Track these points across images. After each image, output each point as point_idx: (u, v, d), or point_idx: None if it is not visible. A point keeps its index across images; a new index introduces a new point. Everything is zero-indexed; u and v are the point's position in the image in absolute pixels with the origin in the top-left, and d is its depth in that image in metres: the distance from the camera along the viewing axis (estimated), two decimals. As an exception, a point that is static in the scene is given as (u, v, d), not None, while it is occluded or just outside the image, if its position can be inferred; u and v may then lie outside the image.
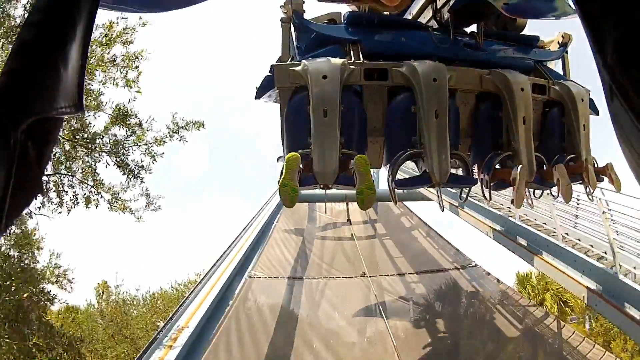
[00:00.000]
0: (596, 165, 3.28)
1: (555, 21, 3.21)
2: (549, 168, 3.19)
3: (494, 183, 3.16)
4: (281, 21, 3.02)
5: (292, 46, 3.18)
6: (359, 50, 3.01)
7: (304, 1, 3.03)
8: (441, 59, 2.96)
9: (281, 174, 2.51)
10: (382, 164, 3.33)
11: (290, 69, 2.80)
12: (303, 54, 3.09)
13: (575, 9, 0.47)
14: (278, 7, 3.03)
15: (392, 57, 2.95)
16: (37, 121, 0.45)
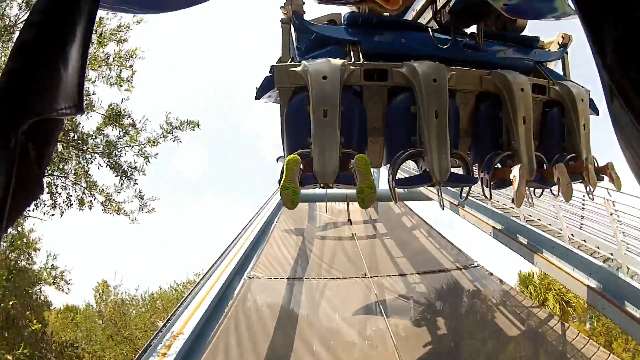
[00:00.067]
0: (596, 165, 3.29)
1: (556, 22, 3.20)
2: (549, 167, 3.20)
3: (494, 182, 3.17)
4: (281, 22, 3.03)
5: (292, 47, 3.19)
6: (359, 51, 3.02)
7: (304, 2, 3.04)
8: (441, 60, 2.97)
9: (281, 175, 2.52)
10: (382, 163, 3.35)
11: (290, 70, 2.81)
12: (303, 55, 3.10)
13: (575, 9, 0.47)
14: (278, 8, 3.03)
15: (392, 58, 2.96)
16: (38, 122, 0.46)
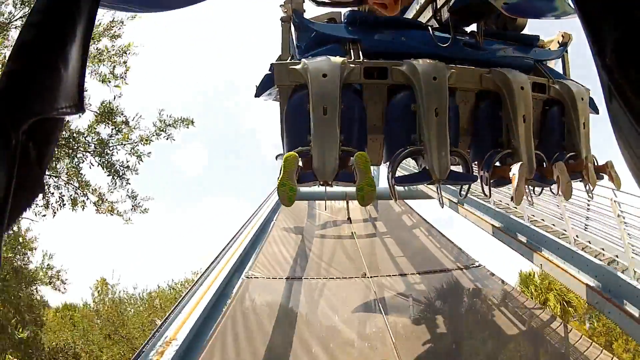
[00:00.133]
0: (596, 163, 3.30)
1: (556, 21, 3.20)
2: (549, 166, 3.21)
3: (493, 180, 3.18)
4: (281, 20, 3.04)
5: (292, 45, 3.19)
6: (358, 49, 3.02)
7: (304, 0, 3.03)
8: (441, 58, 2.98)
9: (280, 172, 2.53)
10: (382, 161, 3.36)
11: (290, 68, 2.82)
12: (303, 53, 3.11)
13: (575, 9, 0.47)
14: (278, 7, 3.02)
15: (392, 56, 2.97)
16: (38, 121, 0.46)
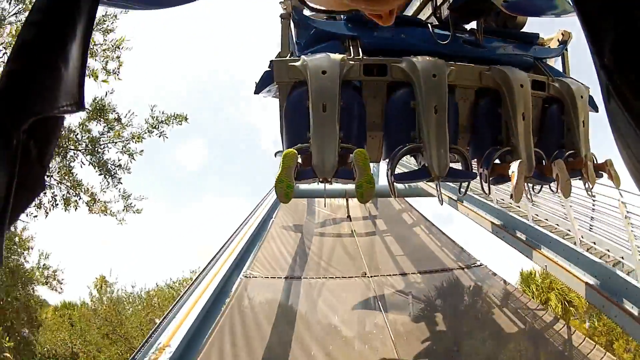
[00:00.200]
0: (595, 162, 3.31)
1: (556, 19, 3.20)
2: (548, 163, 3.22)
3: (493, 178, 3.19)
4: (281, 17, 3.04)
5: (291, 42, 3.19)
6: (358, 46, 3.03)
7: None
8: (441, 56, 2.99)
9: (279, 169, 2.55)
10: (381, 158, 3.37)
11: (289, 64, 2.83)
12: (302, 50, 3.11)
13: (574, 7, 0.47)
14: (278, 3, 3.02)
15: (392, 53, 2.98)
16: (39, 120, 0.46)
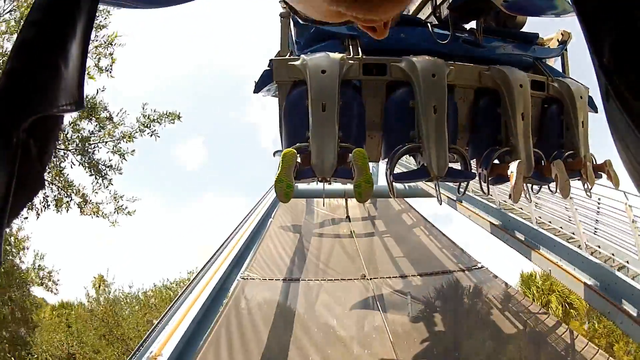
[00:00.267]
0: (595, 162, 3.32)
1: (556, 19, 3.21)
2: (547, 164, 3.22)
3: (492, 178, 3.19)
4: (280, 16, 3.04)
5: (291, 41, 3.19)
6: (357, 45, 3.03)
7: None
8: (440, 55, 3.00)
9: (278, 168, 2.55)
10: (380, 157, 3.37)
11: (289, 63, 2.84)
12: (302, 49, 3.12)
13: (573, 7, 0.47)
14: (278, 2, 3.02)
15: (391, 53, 2.98)
16: (39, 119, 0.46)
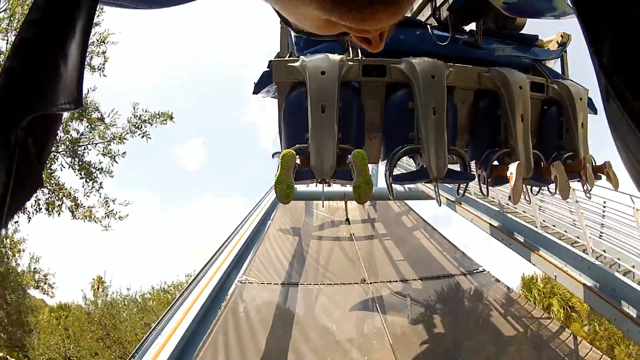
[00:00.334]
0: (594, 163, 3.32)
1: (555, 21, 3.22)
2: (546, 165, 3.23)
3: (491, 179, 3.20)
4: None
5: (290, 42, 3.19)
6: (357, 46, 3.02)
7: None
8: (440, 57, 3.00)
9: (277, 170, 2.55)
10: (379, 159, 3.37)
11: (288, 65, 2.85)
12: (301, 50, 3.13)
13: (573, 8, 0.47)
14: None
15: (391, 54, 2.98)
16: (37, 118, 0.46)
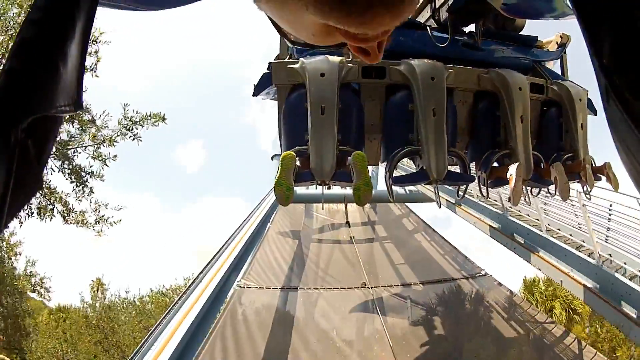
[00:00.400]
0: (594, 164, 3.33)
1: (555, 22, 3.23)
2: (546, 166, 3.24)
3: (491, 181, 3.20)
4: None
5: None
6: None
7: None
8: (439, 58, 3.01)
9: (277, 172, 2.55)
10: (379, 160, 3.38)
11: (288, 67, 2.86)
12: (301, 52, 3.12)
13: (572, 8, 0.47)
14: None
15: (390, 56, 2.99)
16: (37, 119, 0.46)
